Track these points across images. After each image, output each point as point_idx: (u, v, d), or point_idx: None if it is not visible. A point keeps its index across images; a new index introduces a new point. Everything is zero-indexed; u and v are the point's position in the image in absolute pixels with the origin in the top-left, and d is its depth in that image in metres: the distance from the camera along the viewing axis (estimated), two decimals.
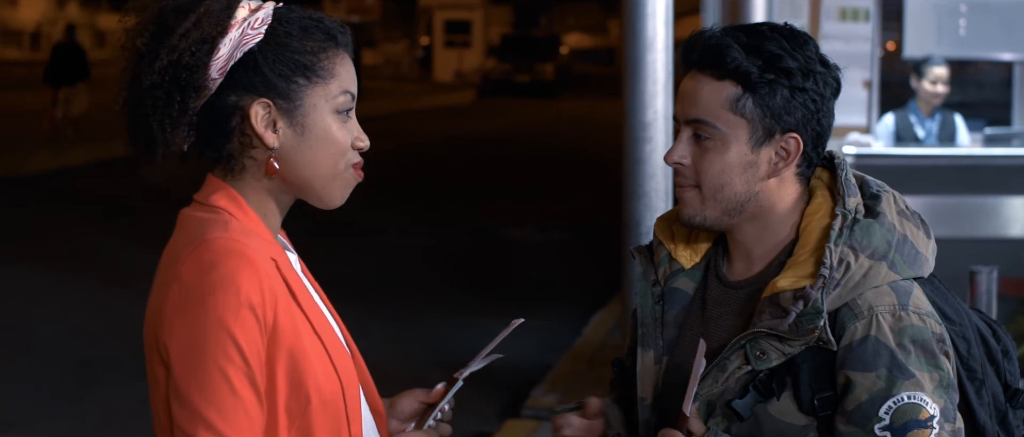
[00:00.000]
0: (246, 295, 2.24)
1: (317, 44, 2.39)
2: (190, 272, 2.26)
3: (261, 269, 2.27)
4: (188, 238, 2.32)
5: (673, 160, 2.62)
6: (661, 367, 2.71)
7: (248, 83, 2.35)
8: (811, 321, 2.46)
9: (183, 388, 2.23)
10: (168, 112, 2.32)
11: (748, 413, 2.53)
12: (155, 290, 2.36)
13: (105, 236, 13.98)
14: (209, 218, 2.35)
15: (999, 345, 2.67)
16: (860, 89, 9.15)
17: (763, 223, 2.63)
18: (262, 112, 2.35)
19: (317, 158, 2.39)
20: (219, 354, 2.22)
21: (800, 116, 2.56)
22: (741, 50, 2.54)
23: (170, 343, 2.26)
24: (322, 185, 2.42)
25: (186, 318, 2.24)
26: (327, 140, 2.39)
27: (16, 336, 9.83)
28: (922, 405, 2.46)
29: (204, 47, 2.32)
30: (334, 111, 2.40)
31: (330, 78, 2.39)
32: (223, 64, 2.33)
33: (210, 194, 2.39)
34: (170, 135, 2.34)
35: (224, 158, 2.38)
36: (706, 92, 2.57)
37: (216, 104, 2.35)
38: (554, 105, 38.41)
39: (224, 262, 2.25)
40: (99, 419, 7.81)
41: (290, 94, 2.36)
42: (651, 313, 2.74)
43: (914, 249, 2.58)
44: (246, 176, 2.40)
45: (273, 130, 2.36)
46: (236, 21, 2.34)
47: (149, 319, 2.35)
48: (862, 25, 9.17)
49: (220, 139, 2.37)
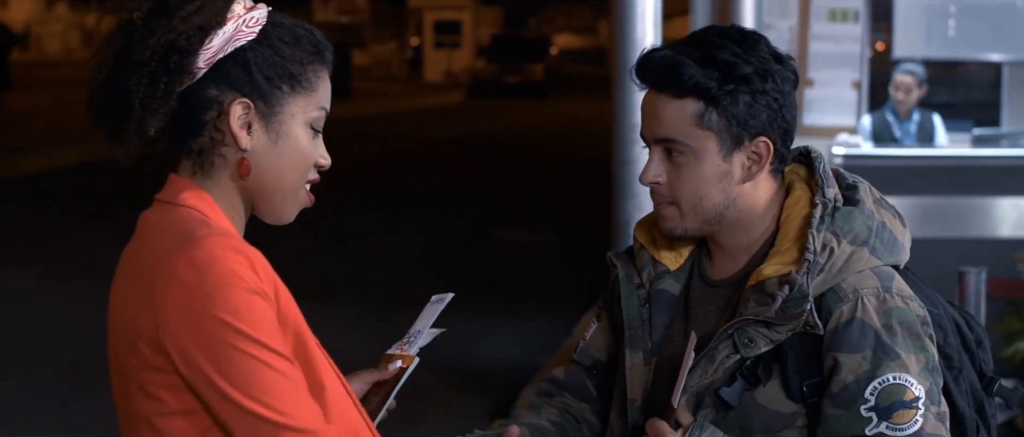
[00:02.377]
0: (250, 283, 2.22)
1: (306, 55, 2.38)
2: (188, 273, 2.22)
3: (256, 260, 2.26)
4: (171, 240, 2.28)
5: (648, 180, 2.64)
6: (651, 368, 2.73)
7: (232, 79, 2.33)
8: (797, 305, 2.49)
9: (224, 390, 2.20)
10: (152, 92, 2.29)
11: (736, 401, 2.55)
12: (132, 295, 2.31)
13: (99, 237, 13.95)
14: (185, 218, 2.32)
15: (973, 335, 2.70)
16: (849, 90, 9.16)
17: (744, 225, 2.66)
18: (240, 111, 2.33)
19: (284, 167, 2.37)
20: (245, 345, 2.19)
21: (765, 118, 2.59)
22: (695, 64, 2.55)
23: (187, 349, 2.21)
24: (281, 197, 2.40)
25: (198, 321, 2.21)
26: (296, 151, 2.38)
27: (10, 338, 9.83)
28: (907, 386, 2.49)
29: (199, 34, 2.30)
30: (307, 124, 2.39)
31: (312, 91, 2.39)
32: (211, 55, 2.31)
33: (177, 193, 2.36)
34: (148, 115, 2.31)
35: (194, 152, 2.36)
36: (669, 111, 2.59)
37: (195, 94, 2.32)
38: (544, 105, 38.40)
39: (220, 258, 2.22)
40: (94, 421, 7.79)
41: (271, 99, 2.35)
42: (637, 315, 2.76)
43: (892, 236, 2.62)
44: (214, 175, 2.37)
45: (248, 132, 2.34)
46: (233, 15, 2.33)
47: (128, 324, 2.30)
48: (851, 26, 9.18)
49: (191, 131, 2.34)
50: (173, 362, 2.23)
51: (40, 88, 34.18)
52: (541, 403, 2.94)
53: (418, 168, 21.67)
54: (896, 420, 2.48)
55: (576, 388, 2.94)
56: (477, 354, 8.96)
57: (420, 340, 2.74)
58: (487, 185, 19.44)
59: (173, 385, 2.25)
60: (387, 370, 2.69)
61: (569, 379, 2.96)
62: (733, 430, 2.56)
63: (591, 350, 2.93)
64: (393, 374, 2.68)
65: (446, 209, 16.75)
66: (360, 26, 55.45)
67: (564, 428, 2.89)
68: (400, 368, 2.67)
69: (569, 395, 2.94)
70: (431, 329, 2.77)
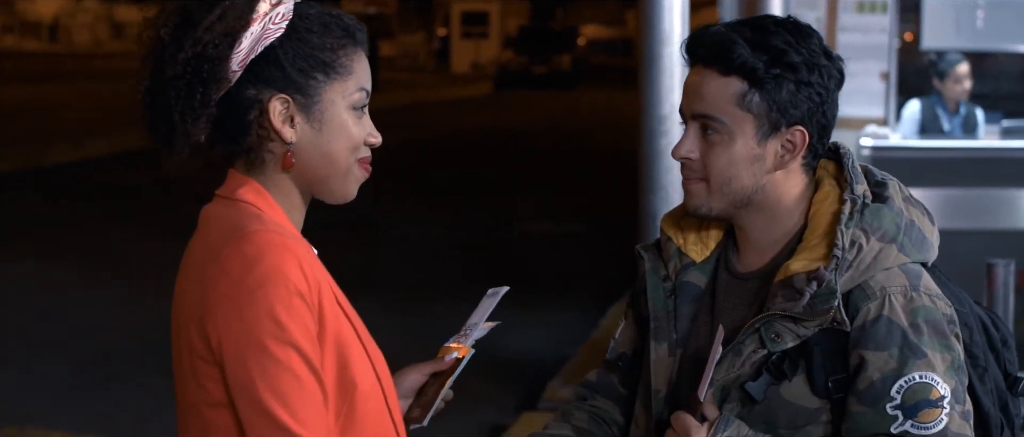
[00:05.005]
0: (295, 284, 2.25)
1: (336, 41, 2.40)
2: (235, 266, 2.26)
3: (304, 258, 2.29)
4: (223, 233, 2.33)
5: (681, 155, 2.64)
6: (675, 360, 2.73)
7: (268, 77, 2.36)
8: (825, 301, 2.48)
9: (247, 384, 2.24)
10: (189, 103, 2.33)
11: (762, 396, 2.55)
12: (190, 286, 2.36)
13: (126, 229, 14.01)
14: (240, 212, 2.36)
15: (998, 334, 2.70)
16: (878, 81, 9.13)
17: (770, 214, 2.65)
18: (280, 107, 2.36)
19: (333, 153, 2.41)
20: (276, 347, 2.23)
21: (806, 109, 2.58)
22: (746, 45, 2.56)
23: (224, 340, 2.26)
24: (336, 180, 2.43)
25: (239, 314, 2.25)
26: (343, 136, 2.41)
27: (36, 329, 9.87)
28: (933, 385, 2.49)
29: (227, 40, 2.33)
30: (350, 107, 2.41)
31: (348, 75, 2.41)
32: (244, 57, 2.34)
33: (235, 189, 2.41)
34: (190, 126, 2.34)
35: (244, 151, 2.40)
36: (712, 87, 2.59)
37: (235, 97, 2.36)
38: (571, 97, 38.38)
39: (268, 254, 2.26)
40: (119, 412, 7.83)
41: (308, 90, 2.38)
42: (663, 307, 2.76)
43: (921, 234, 2.61)
44: (267, 170, 2.41)
45: (291, 125, 2.37)
46: (258, 15, 2.35)
47: (185, 316, 2.34)
48: (879, 17, 9.15)
49: (238, 132, 2.38)
50: (212, 351, 2.27)
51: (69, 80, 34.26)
52: (572, 409, 2.96)
53: (445, 160, 21.69)
54: (921, 419, 2.48)
55: (606, 389, 2.95)
56: (504, 345, 8.95)
57: (476, 333, 2.78)
58: (513, 177, 19.45)
59: (216, 376, 2.29)
60: (443, 361, 2.72)
61: (600, 381, 2.97)
62: (757, 424, 2.56)
63: (619, 347, 2.94)
64: (449, 365, 2.71)
65: (472, 200, 16.77)
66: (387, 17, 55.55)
67: (593, 433, 2.90)
68: (456, 359, 2.71)
69: (600, 397, 2.95)
70: (486, 323, 2.81)
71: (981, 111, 9.52)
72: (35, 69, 43.19)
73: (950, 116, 9.39)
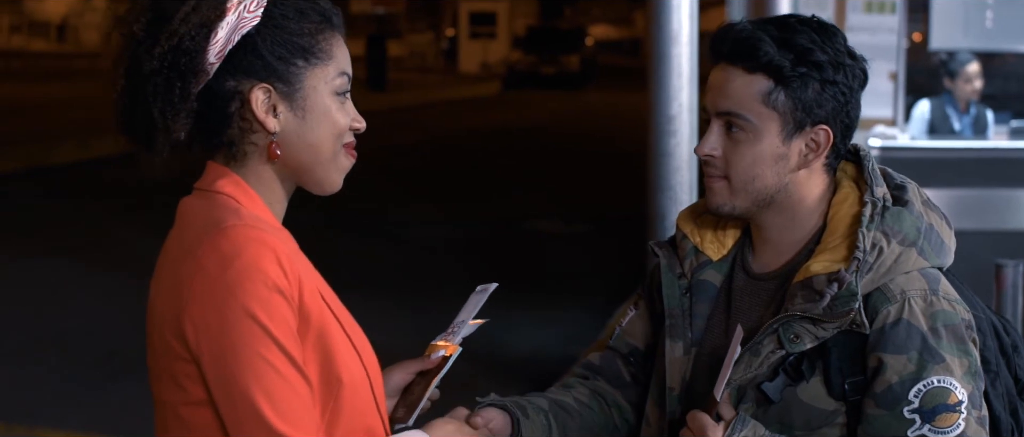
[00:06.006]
0: (273, 280, 2.21)
1: (314, 25, 2.36)
2: (212, 263, 2.22)
3: (282, 253, 2.25)
4: (200, 228, 2.29)
5: (704, 152, 2.63)
6: (690, 358, 2.73)
7: (247, 67, 2.32)
8: (846, 304, 2.48)
9: (230, 383, 2.21)
10: (169, 98, 2.29)
11: (778, 396, 2.55)
12: (165, 283, 2.33)
13: (131, 228, 14.01)
14: (218, 206, 2.32)
15: (1009, 339, 2.70)
16: (886, 81, 9.12)
17: (791, 214, 2.65)
18: (262, 96, 2.32)
19: (318, 141, 2.37)
20: (258, 344, 2.19)
21: (830, 108, 2.59)
22: (773, 43, 2.55)
23: (202, 338, 2.22)
24: (322, 169, 2.39)
25: (217, 312, 2.21)
26: (328, 123, 2.37)
27: (42, 327, 9.87)
28: (951, 389, 2.48)
29: (202, 31, 2.29)
30: (333, 93, 2.37)
31: (328, 59, 2.37)
32: (221, 48, 2.30)
33: (214, 181, 2.36)
34: (171, 122, 2.30)
35: (224, 144, 2.36)
36: (738, 85, 2.58)
37: (214, 89, 2.31)
38: (580, 97, 38.37)
39: (246, 249, 2.22)
40: (124, 410, 7.83)
41: (290, 77, 2.33)
42: (679, 305, 2.76)
43: (940, 238, 2.61)
44: (248, 162, 2.37)
45: (274, 115, 2.34)
46: (232, 4, 2.31)
47: (161, 312, 2.32)
48: (888, 17, 9.13)
49: (219, 125, 2.34)
50: (189, 349, 2.24)
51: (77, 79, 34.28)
52: (574, 382, 2.95)
53: (453, 159, 21.68)
54: (939, 423, 2.48)
55: (610, 374, 2.94)
56: (511, 344, 8.96)
57: (463, 330, 2.75)
58: (522, 176, 19.44)
59: (195, 375, 2.26)
60: (430, 359, 2.69)
61: (603, 365, 2.96)
62: (773, 425, 2.56)
63: (628, 337, 2.93)
64: (436, 363, 2.68)
65: (481, 200, 16.76)
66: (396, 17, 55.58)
67: (591, 409, 2.89)
68: (443, 357, 2.68)
69: (603, 380, 2.94)
70: (474, 320, 2.77)
71: (991, 112, 9.50)
72: (43, 68, 43.24)
73: (960, 116, 9.37)
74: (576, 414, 2.87)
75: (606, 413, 2.91)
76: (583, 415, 2.87)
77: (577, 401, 2.89)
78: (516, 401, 2.80)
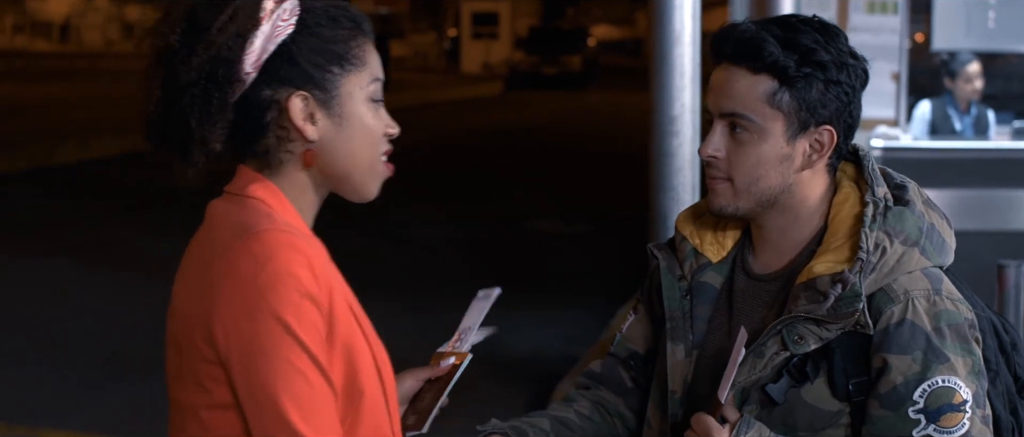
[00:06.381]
0: (305, 286, 2.20)
1: (346, 32, 2.36)
2: (244, 266, 2.21)
3: (314, 259, 2.24)
4: (231, 231, 2.28)
5: (708, 153, 2.62)
6: (692, 361, 2.72)
7: (284, 76, 2.31)
8: (850, 304, 2.48)
9: (258, 388, 2.19)
10: (206, 109, 2.28)
11: (782, 398, 2.54)
12: (192, 285, 2.31)
13: (132, 228, 14.02)
14: (250, 210, 2.31)
15: (1008, 337, 2.69)
16: (888, 81, 9.11)
17: (793, 215, 2.64)
18: (300, 105, 2.32)
19: (355, 148, 2.37)
20: (287, 349, 2.18)
21: (834, 108, 2.58)
22: (777, 44, 2.54)
23: (231, 342, 2.21)
24: (360, 177, 2.39)
25: (247, 315, 2.20)
26: (363, 129, 2.37)
27: (43, 328, 9.88)
28: (956, 389, 2.48)
29: (239, 41, 2.28)
30: (368, 99, 2.37)
31: (362, 66, 2.37)
32: (257, 58, 2.29)
33: (246, 185, 2.35)
34: (208, 132, 2.29)
35: (260, 153, 2.35)
36: (742, 85, 2.57)
37: (251, 99, 2.30)
38: (582, 97, 38.38)
39: (278, 254, 2.21)
40: (126, 411, 7.83)
41: (326, 84, 2.33)
42: (679, 307, 2.75)
43: (941, 237, 2.60)
44: (283, 169, 2.36)
45: (312, 122, 2.33)
46: (265, 14, 2.30)
47: (186, 313, 2.30)
48: (890, 17, 9.12)
49: (256, 134, 2.33)
50: (217, 351, 2.23)
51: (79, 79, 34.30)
52: (575, 395, 2.94)
53: (455, 159, 21.69)
54: (944, 423, 2.47)
55: (612, 381, 2.93)
56: (513, 345, 8.95)
57: (471, 337, 2.75)
58: (523, 176, 19.44)
59: (221, 378, 2.25)
60: (440, 367, 2.69)
61: (605, 373, 2.95)
62: (777, 427, 2.55)
63: (628, 343, 2.93)
64: (446, 371, 2.68)
65: (482, 200, 16.76)
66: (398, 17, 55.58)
67: (594, 422, 2.88)
68: (453, 365, 2.67)
69: (605, 389, 2.93)
70: (482, 328, 2.77)
71: (992, 112, 9.49)
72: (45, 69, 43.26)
73: (961, 116, 9.36)
74: (578, 428, 2.86)
75: (609, 423, 2.90)
76: (586, 428, 2.87)
77: (578, 415, 2.88)
78: (516, 426, 2.80)
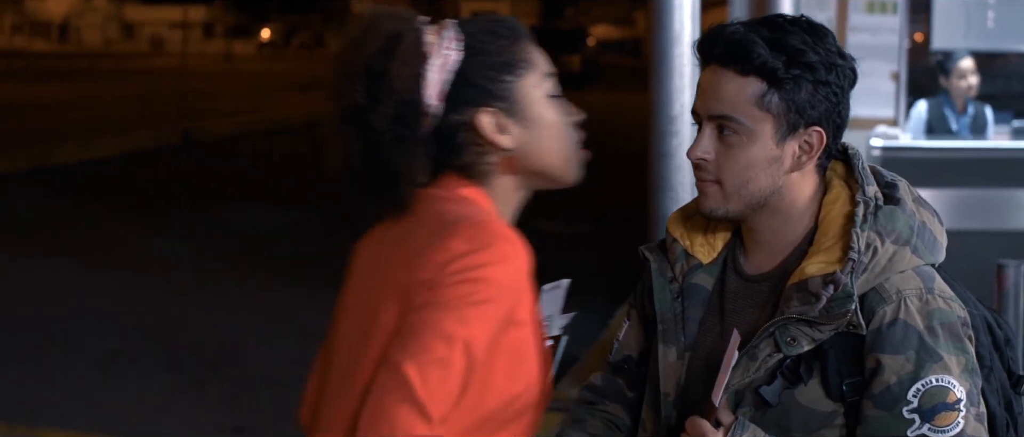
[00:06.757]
0: (510, 283, 2.34)
1: (507, 41, 2.49)
2: (462, 245, 2.32)
3: (525, 261, 2.38)
4: (447, 222, 2.37)
5: (697, 155, 2.60)
6: (684, 363, 2.71)
7: (465, 97, 2.44)
8: (842, 305, 2.46)
9: (415, 322, 2.29)
10: (405, 149, 2.41)
11: (776, 400, 2.53)
12: (395, 264, 2.39)
13: (131, 228, 14.02)
14: (466, 204, 2.44)
15: (1002, 333, 2.69)
16: (888, 81, 9.11)
17: (784, 216, 2.62)
18: (488, 120, 2.45)
19: (549, 145, 2.50)
20: (449, 320, 2.27)
21: (823, 109, 2.56)
22: (765, 45, 2.52)
23: (415, 296, 2.31)
24: (559, 169, 2.54)
25: (439, 293, 2.29)
26: (552, 126, 2.50)
27: (43, 327, 9.87)
28: (950, 388, 2.47)
29: (416, 80, 2.41)
30: (545, 96, 2.50)
31: (532, 67, 2.50)
32: (438, 89, 2.42)
33: (455, 188, 2.47)
34: (412, 169, 2.42)
35: (462, 168, 2.48)
36: (731, 88, 2.55)
37: (442, 127, 2.44)
38: (581, 97, 38.10)
39: (497, 245, 2.34)
40: (125, 410, 7.83)
41: (505, 94, 2.46)
42: (670, 309, 2.74)
43: (932, 235, 2.59)
44: (487, 180, 2.50)
45: (503, 133, 2.46)
46: (431, 47, 2.44)
47: (380, 294, 2.39)
48: (890, 17, 9.12)
49: (454, 155, 2.47)
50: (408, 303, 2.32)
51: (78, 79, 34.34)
52: (584, 414, 2.94)
53: None
54: (938, 422, 2.46)
55: (613, 393, 2.93)
56: None
57: (557, 322, 2.83)
58: None
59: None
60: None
61: (606, 385, 2.95)
62: (771, 428, 2.54)
63: (624, 350, 2.93)
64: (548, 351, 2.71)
65: None
66: None
67: None
68: (552, 347, 2.71)
69: (610, 402, 2.93)
70: (563, 314, 2.88)
71: (990, 109, 9.50)
72: (44, 68, 43.27)
73: (958, 116, 9.35)
74: None
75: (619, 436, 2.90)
76: None
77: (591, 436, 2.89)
78: None
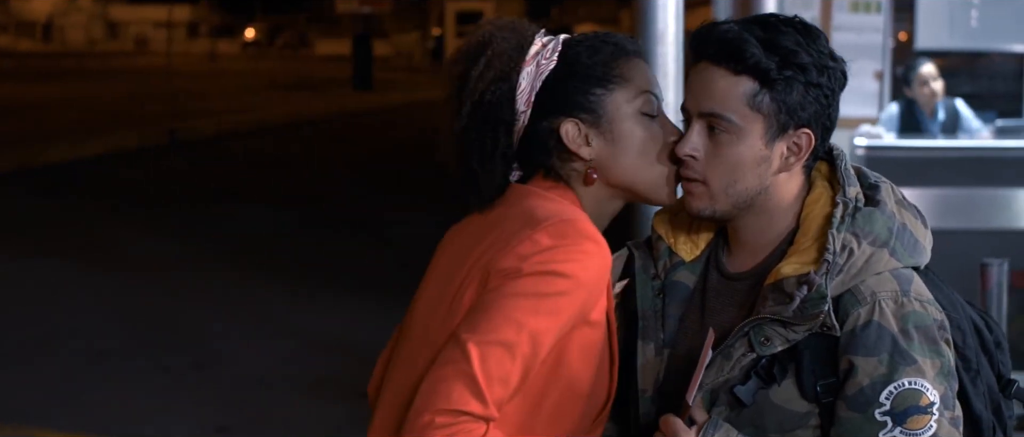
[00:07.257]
0: (587, 281, 2.40)
1: (606, 56, 2.55)
2: (547, 240, 2.40)
3: (606, 263, 2.44)
4: (537, 217, 2.45)
5: (685, 152, 2.58)
6: (662, 359, 2.71)
7: (553, 106, 2.53)
8: (815, 306, 2.46)
9: (478, 316, 2.36)
10: (482, 150, 2.53)
11: (751, 399, 2.52)
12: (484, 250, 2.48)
13: (121, 227, 14.01)
14: (558, 203, 2.51)
15: (992, 336, 2.67)
16: (871, 80, 9.13)
17: (768, 216, 2.63)
18: (573, 130, 2.54)
19: (632, 162, 2.56)
20: (520, 308, 2.35)
21: (813, 111, 2.56)
22: (758, 45, 2.52)
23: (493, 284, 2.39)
24: (645, 188, 2.59)
25: (518, 268, 2.38)
26: (636, 142, 2.55)
27: (32, 327, 9.87)
28: (923, 391, 2.46)
29: (503, 85, 2.51)
30: (637, 113, 2.55)
31: (626, 83, 2.55)
32: (527, 96, 2.53)
33: (547, 189, 2.56)
34: (489, 169, 2.53)
35: (549, 171, 2.57)
36: (722, 86, 2.55)
37: (530, 132, 2.55)
38: None
39: (581, 244, 2.41)
40: (114, 410, 7.83)
41: (592, 106, 2.53)
42: (651, 306, 2.73)
43: (913, 238, 2.58)
44: (573, 184, 2.57)
45: (587, 143, 2.53)
46: (530, 56, 2.54)
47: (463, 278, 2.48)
48: (874, 16, 9.15)
49: (541, 159, 2.57)
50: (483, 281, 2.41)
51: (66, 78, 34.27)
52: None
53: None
54: (910, 425, 2.46)
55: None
56: None
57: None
58: None
59: None
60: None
61: None
62: (746, 428, 2.53)
63: None
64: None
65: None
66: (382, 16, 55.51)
67: None
68: None
69: None
70: None
71: (961, 101, 9.54)
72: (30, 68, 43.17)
73: (928, 121, 9.42)
74: None
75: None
76: None
77: None
78: None
